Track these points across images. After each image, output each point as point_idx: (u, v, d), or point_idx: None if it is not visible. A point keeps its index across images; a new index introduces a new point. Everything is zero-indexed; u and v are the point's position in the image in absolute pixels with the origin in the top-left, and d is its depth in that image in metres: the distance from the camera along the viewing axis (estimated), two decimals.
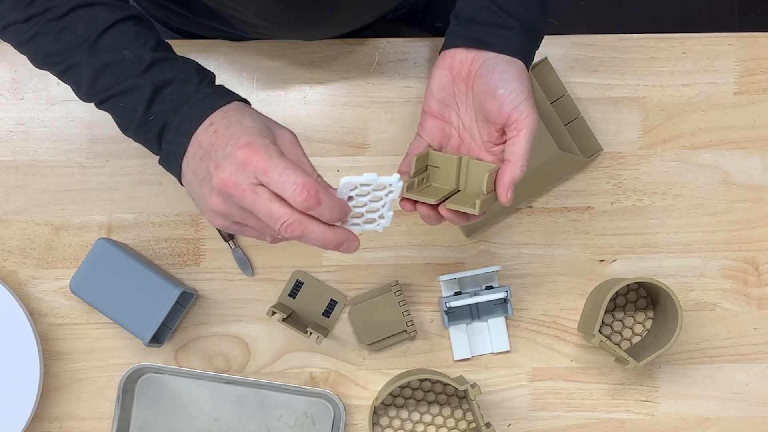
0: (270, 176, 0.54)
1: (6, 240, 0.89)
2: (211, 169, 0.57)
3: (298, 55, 0.91)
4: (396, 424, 0.89)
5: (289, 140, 0.60)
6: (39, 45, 0.63)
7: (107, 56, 0.62)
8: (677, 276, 0.90)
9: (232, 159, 0.55)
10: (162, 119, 0.61)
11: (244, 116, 0.59)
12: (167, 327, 0.88)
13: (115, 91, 0.62)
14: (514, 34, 0.66)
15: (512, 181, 0.65)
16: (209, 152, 0.57)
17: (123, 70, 0.62)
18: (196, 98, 0.61)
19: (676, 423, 0.90)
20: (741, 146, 0.91)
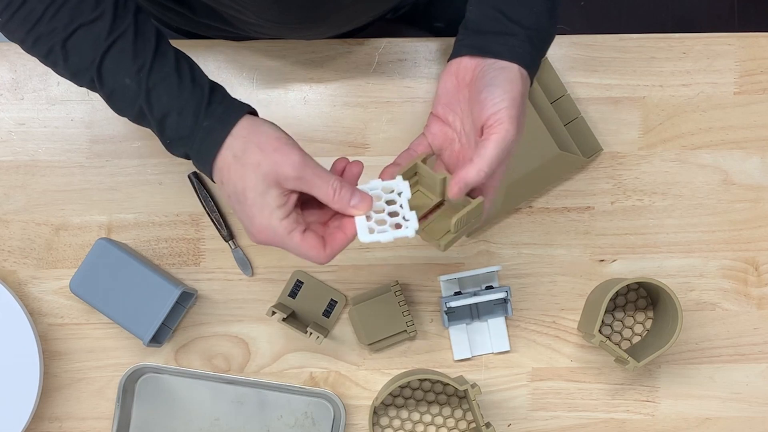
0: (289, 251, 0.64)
1: (6, 240, 0.89)
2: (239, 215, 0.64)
3: (298, 55, 0.91)
4: (396, 424, 0.89)
5: (293, 177, 0.62)
6: (54, 63, 0.65)
7: (112, 83, 0.64)
8: (677, 276, 0.90)
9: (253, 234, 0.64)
10: (181, 147, 0.65)
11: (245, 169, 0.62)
12: (167, 327, 0.88)
13: (132, 116, 0.66)
14: (517, 41, 0.66)
15: (464, 179, 0.63)
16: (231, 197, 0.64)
17: (128, 98, 0.64)
18: (200, 137, 0.63)
19: (676, 423, 0.90)
20: (741, 146, 0.91)
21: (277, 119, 0.90)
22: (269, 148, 0.62)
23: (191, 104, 0.63)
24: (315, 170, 0.62)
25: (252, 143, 0.62)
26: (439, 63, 0.91)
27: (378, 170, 0.90)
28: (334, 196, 0.62)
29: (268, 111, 0.90)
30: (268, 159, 0.61)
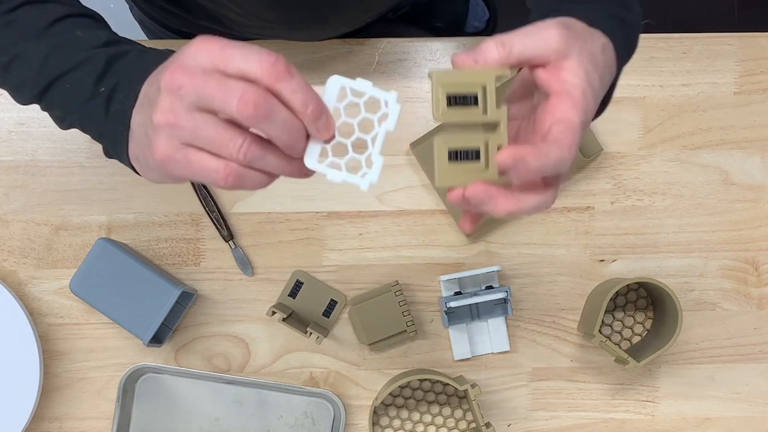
0: (227, 54, 0.45)
1: (6, 240, 0.89)
2: (158, 77, 0.48)
3: (298, 55, 0.91)
4: (396, 424, 0.89)
5: None
6: None
7: (59, 39, 0.56)
8: (677, 276, 0.90)
9: (182, 52, 0.47)
10: (113, 84, 0.54)
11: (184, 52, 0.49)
12: (167, 327, 0.88)
13: (64, 69, 0.56)
14: (602, 6, 0.55)
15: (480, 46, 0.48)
16: (158, 70, 0.50)
17: (76, 48, 0.55)
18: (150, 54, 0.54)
19: (676, 423, 0.90)
20: (741, 146, 0.91)
21: None
22: None
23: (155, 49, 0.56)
24: None
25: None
26: (439, 63, 0.91)
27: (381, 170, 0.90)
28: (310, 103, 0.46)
29: None
30: None
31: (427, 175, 0.89)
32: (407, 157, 0.90)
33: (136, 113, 0.51)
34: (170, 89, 0.46)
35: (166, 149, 0.46)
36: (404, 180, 0.90)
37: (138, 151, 0.51)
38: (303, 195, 0.90)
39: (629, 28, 0.57)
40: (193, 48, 0.46)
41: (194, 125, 0.45)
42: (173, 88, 0.45)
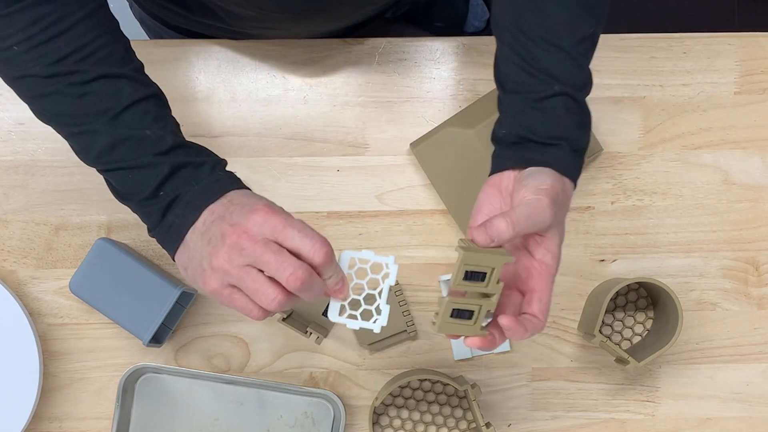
0: (287, 233, 0.58)
1: (6, 240, 0.89)
2: (225, 227, 0.59)
3: (298, 55, 0.91)
4: (396, 424, 0.89)
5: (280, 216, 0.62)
6: (55, 102, 0.64)
7: (128, 131, 0.63)
8: (677, 276, 0.90)
9: (249, 217, 0.59)
10: (173, 193, 0.63)
11: (258, 196, 0.62)
12: (167, 327, 0.88)
13: (127, 164, 0.64)
14: (562, 151, 0.66)
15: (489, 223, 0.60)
16: (224, 215, 0.60)
17: (142, 147, 0.63)
18: (210, 179, 0.63)
19: (676, 423, 0.90)
20: (741, 146, 0.91)
21: (277, 119, 0.90)
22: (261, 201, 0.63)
23: (210, 162, 0.64)
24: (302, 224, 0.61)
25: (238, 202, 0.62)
26: (439, 63, 0.91)
27: (378, 170, 0.90)
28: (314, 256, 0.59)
29: (268, 111, 0.90)
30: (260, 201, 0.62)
31: (428, 174, 0.89)
32: (407, 157, 0.90)
33: (196, 237, 0.61)
34: (233, 247, 0.58)
35: (216, 287, 0.60)
36: (404, 180, 0.90)
37: (190, 270, 0.62)
38: (303, 195, 0.90)
39: (583, 152, 0.69)
40: (260, 218, 0.58)
41: (244, 277, 0.58)
42: (236, 247, 0.58)
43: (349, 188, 0.90)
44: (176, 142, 0.64)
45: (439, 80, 0.91)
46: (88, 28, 0.63)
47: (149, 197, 0.63)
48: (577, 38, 0.68)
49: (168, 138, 0.64)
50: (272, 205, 0.60)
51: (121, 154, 0.64)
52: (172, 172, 0.63)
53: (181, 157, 0.64)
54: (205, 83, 0.91)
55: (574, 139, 0.67)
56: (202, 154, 0.66)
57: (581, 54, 0.69)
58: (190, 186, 0.63)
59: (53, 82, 0.63)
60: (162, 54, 0.90)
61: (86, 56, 0.63)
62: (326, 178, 0.90)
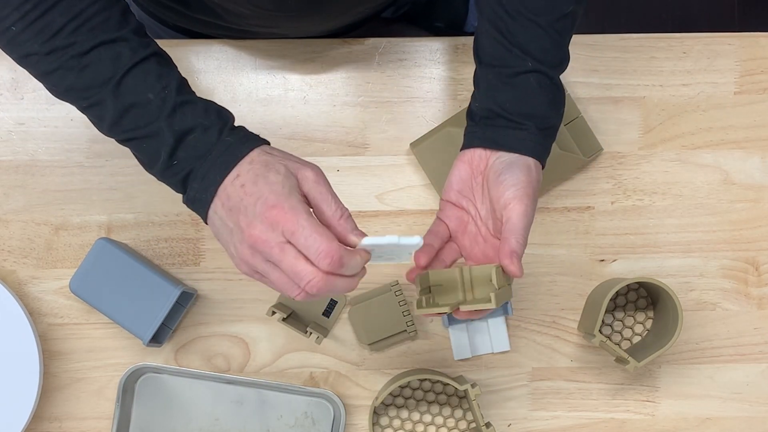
0: (297, 238, 0.58)
1: (6, 240, 0.89)
2: (242, 223, 0.59)
3: (298, 55, 0.91)
4: (396, 424, 0.89)
5: (312, 180, 0.61)
6: (61, 78, 0.64)
7: (132, 97, 0.63)
8: (677, 276, 0.90)
9: (262, 218, 0.58)
10: (187, 166, 0.63)
11: (268, 169, 0.61)
12: (167, 327, 0.88)
13: (138, 133, 0.64)
14: (529, 134, 0.69)
15: (511, 252, 0.66)
16: (238, 206, 0.60)
17: (147, 114, 0.63)
18: (220, 148, 0.62)
19: (676, 423, 0.90)
20: (741, 146, 0.91)
21: (277, 119, 0.90)
22: (293, 157, 0.63)
23: (217, 125, 0.63)
24: (330, 187, 0.62)
25: (276, 152, 0.63)
26: (439, 63, 0.91)
27: (378, 170, 0.90)
28: (341, 217, 0.61)
29: (268, 111, 0.90)
30: (293, 161, 0.62)
31: (427, 174, 0.89)
32: (407, 156, 0.90)
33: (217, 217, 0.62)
34: (252, 247, 0.59)
35: (247, 271, 0.62)
36: (404, 180, 0.90)
37: (221, 244, 0.63)
38: None
39: (554, 131, 0.71)
40: (269, 221, 0.58)
41: (269, 272, 0.60)
42: (255, 248, 0.59)
43: (349, 188, 0.90)
44: (178, 101, 0.63)
45: (439, 80, 0.91)
46: None
47: (165, 167, 0.63)
48: (556, 16, 0.69)
49: (169, 99, 0.63)
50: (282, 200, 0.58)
51: (130, 123, 0.63)
52: (179, 139, 0.62)
53: (187, 121, 0.63)
54: (205, 83, 0.91)
55: (545, 117, 0.70)
56: (209, 113, 0.64)
57: (558, 32, 0.70)
58: (200, 158, 0.62)
59: (54, 58, 0.63)
60: None
61: (81, 24, 0.62)
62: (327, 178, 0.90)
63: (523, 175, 0.68)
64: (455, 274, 0.71)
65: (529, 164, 0.69)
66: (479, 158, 0.71)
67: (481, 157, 0.71)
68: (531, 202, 0.68)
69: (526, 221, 0.67)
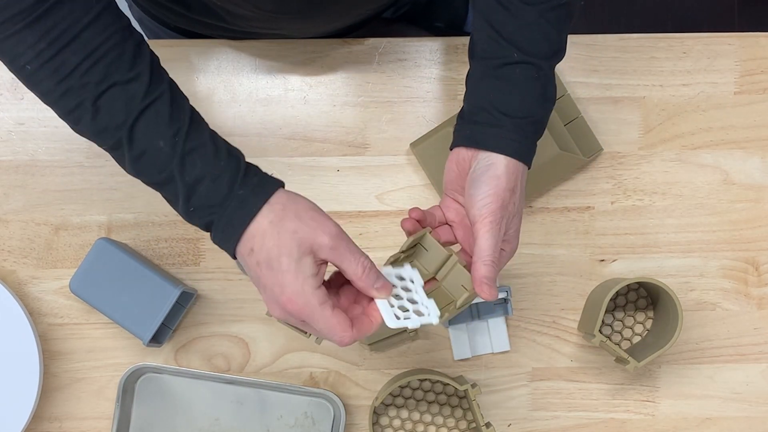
0: (314, 326, 0.62)
1: (6, 240, 0.89)
2: (267, 284, 0.62)
3: (298, 55, 0.91)
4: (396, 424, 0.89)
5: (328, 247, 0.61)
6: (78, 119, 0.63)
7: (144, 144, 0.63)
8: (677, 276, 0.90)
9: (280, 304, 0.61)
10: (205, 215, 0.63)
11: (281, 250, 0.61)
12: (167, 327, 0.87)
13: (155, 179, 0.64)
14: (505, 131, 0.68)
15: (480, 280, 0.65)
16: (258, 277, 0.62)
17: (159, 161, 0.63)
18: (233, 203, 0.62)
19: (676, 423, 0.90)
20: (741, 146, 0.91)
21: (277, 119, 0.90)
22: (306, 216, 0.62)
23: (227, 173, 0.63)
24: (349, 244, 0.62)
25: (290, 211, 0.62)
26: (439, 63, 0.91)
27: (378, 170, 0.90)
28: (362, 273, 0.62)
29: (268, 111, 0.90)
30: (306, 226, 0.61)
31: (427, 174, 0.89)
32: (407, 156, 0.90)
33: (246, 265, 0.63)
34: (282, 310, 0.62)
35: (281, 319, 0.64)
36: (404, 180, 0.90)
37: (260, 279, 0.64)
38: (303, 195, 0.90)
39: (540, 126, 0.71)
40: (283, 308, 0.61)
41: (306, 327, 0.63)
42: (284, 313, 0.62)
43: (349, 188, 0.90)
44: (188, 148, 0.62)
45: (439, 80, 0.91)
46: (95, 33, 0.61)
47: (185, 211, 0.64)
48: (550, 5, 0.68)
49: (179, 145, 0.62)
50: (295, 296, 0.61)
51: (145, 169, 0.64)
52: (191, 190, 0.62)
53: (197, 170, 0.62)
54: (205, 83, 0.91)
55: (529, 111, 0.69)
56: (219, 158, 0.63)
57: (550, 21, 0.68)
58: (216, 207, 0.62)
59: (70, 99, 0.62)
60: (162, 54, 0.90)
61: (95, 62, 0.61)
62: (326, 178, 0.90)
63: (491, 188, 0.67)
64: (443, 254, 0.70)
65: (501, 169, 0.67)
66: (463, 159, 0.70)
67: (465, 158, 0.70)
68: (496, 216, 0.66)
69: (492, 240, 0.66)
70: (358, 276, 0.62)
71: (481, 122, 0.69)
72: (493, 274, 0.66)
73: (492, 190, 0.67)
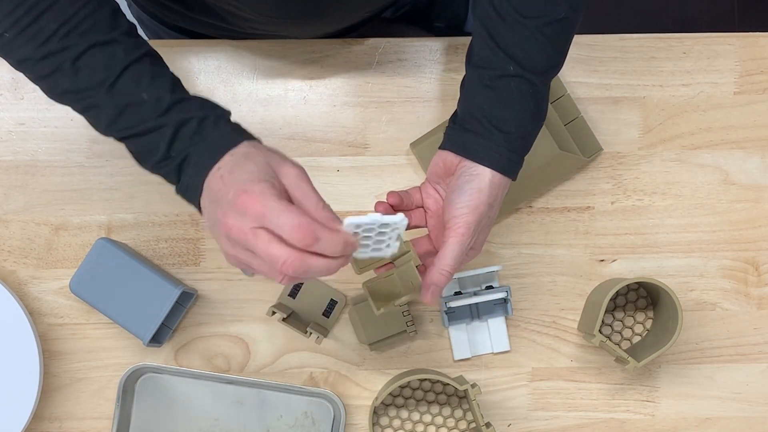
0: (267, 220, 0.56)
1: (6, 240, 0.89)
2: (218, 215, 0.59)
3: (298, 55, 0.91)
4: (396, 424, 0.89)
5: (294, 175, 0.60)
6: (56, 82, 0.64)
7: (127, 98, 0.64)
8: (677, 276, 0.90)
9: (234, 206, 0.57)
10: (182, 154, 0.63)
11: (247, 159, 0.60)
12: (167, 327, 0.88)
13: (136, 130, 0.64)
14: (495, 145, 0.69)
15: (431, 282, 0.67)
16: (217, 198, 0.60)
17: (143, 112, 0.64)
18: (215, 134, 0.63)
19: (676, 423, 0.90)
20: (741, 146, 0.91)
21: (277, 119, 0.90)
22: (279, 154, 0.63)
23: (213, 114, 0.64)
24: (311, 183, 0.61)
25: (264, 149, 0.63)
26: (439, 63, 0.91)
27: (378, 170, 0.90)
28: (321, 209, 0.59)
29: (268, 111, 0.90)
30: (277, 157, 0.62)
31: None
32: (407, 156, 0.90)
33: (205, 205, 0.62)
34: (227, 237, 0.58)
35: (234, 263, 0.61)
36: (405, 180, 0.90)
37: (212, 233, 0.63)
38: None
39: (529, 140, 0.71)
40: (241, 208, 0.56)
41: (248, 260, 0.58)
42: (230, 238, 0.58)
43: (349, 188, 0.90)
44: (174, 99, 0.64)
45: (439, 80, 0.91)
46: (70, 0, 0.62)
47: (163, 158, 0.64)
48: (546, 20, 0.68)
49: (165, 97, 0.64)
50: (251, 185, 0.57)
51: (126, 122, 0.64)
52: (176, 130, 0.63)
53: (183, 113, 0.63)
54: (205, 83, 0.91)
55: (519, 125, 0.69)
56: (205, 107, 0.65)
57: (547, 37, 0.68)
58: (195, 144, 0.63)
59: (48, 63, 0.63)
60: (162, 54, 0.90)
61: (73, 28, 0.62)
62: (326, 178, 0.90)
63: (471, 200, 0.68)
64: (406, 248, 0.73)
65: (485, 183, 0.68)
66: (450, 163, 0.71)
67: (452, 162, 0.71)
68: (469, 228, 0.68)
69: (457, 251, 0.67)
70: (318, 209, 0.58)
71: (472, 131, 0.70)
72: (443, 284, 0.68)
73: (472, 203, 0.68)
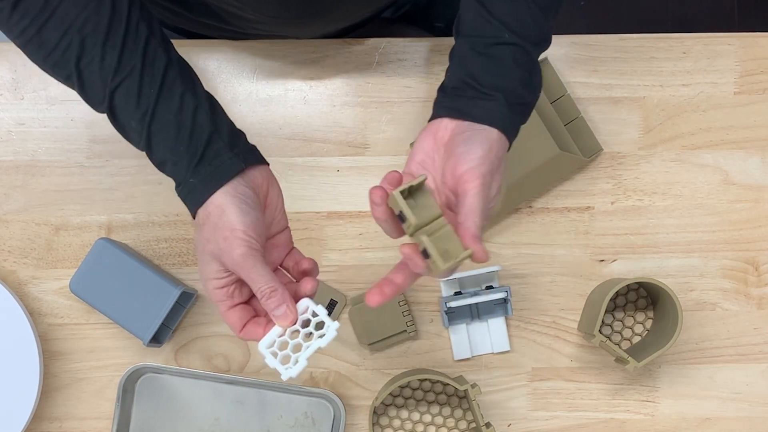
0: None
1: (6, 240, 0.89)
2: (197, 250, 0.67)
3: (298, 55, 0.91)
4: (396, 424, 0.89)
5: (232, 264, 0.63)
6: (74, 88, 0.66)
7: (122, 121, 0.65)
8: (677, 276, 0.90)
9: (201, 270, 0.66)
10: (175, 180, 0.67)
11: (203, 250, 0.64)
12: (167, 327, 0.88)
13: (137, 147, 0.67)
14: (497, 105, 0.66)
15: (473, 236, 0.61)
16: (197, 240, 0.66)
17: (134, 140, 0.66)
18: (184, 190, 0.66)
19: (676, 423, 0.90)
20: (741, 146, 0.91)
21: (277, 119, 0.90)
22: (220, 236, 0.63)
23: (185, 158, 0.64)
24: (255, 267, 0.62)
25: (211, 223, 0.64)
26: (439, 63, 0.91)
27: (378, 170, 0.90)
28: (263, 298, 0.63)
29: (268, 111, 0.90)
30: (216, 244, 0.63)
31: None
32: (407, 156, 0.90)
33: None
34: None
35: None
36: None
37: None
38: (303, 195, 0.90)
39: (526, 109, 0.69)
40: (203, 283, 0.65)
41: None
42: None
43: (349, 188, 0.90)
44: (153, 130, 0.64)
45: (439, 80, 0.90)
46: (69, 5, 0.62)
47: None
48: None
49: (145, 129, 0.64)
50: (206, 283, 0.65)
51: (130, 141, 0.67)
52: (160, 167, 0.66)
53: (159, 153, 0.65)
54: (205, 83, 0.90)
55: (515, 91, 0.67)
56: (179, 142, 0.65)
57: (540, 8, 0.68)
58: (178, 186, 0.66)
59: (58, 71, 0.64)
60: None
61: (73, 37, 0.62)
62: (326, 178, 0.90)
63: (481, 150, 0.64)
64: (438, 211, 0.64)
65: (491, 138, 0.65)
66: (444, 129, 0.68)
67: (446, 128, 0.67)
68: (486, 179, 0.63)
69: (481, 200, 0.62)
70: (260, 298, 0.63)
71: (466, 96, 0.67)
72: (480, 233, 0.62)
73: (483, 152, 0.64)
